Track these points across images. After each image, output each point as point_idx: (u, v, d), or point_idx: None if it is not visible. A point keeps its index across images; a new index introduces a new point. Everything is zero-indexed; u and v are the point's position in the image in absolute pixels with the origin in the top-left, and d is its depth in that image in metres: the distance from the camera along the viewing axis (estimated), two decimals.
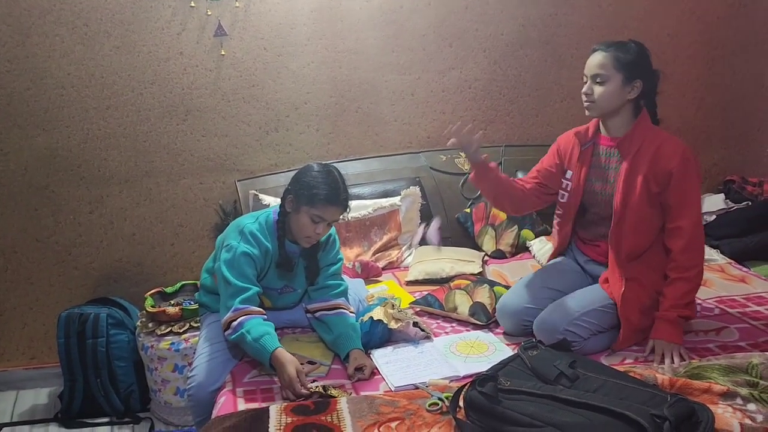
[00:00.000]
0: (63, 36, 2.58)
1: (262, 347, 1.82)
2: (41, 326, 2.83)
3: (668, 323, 1.89)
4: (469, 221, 2.85)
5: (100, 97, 2.67)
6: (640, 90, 1.94)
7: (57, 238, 2.76)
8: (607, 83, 1.92)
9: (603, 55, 1.93)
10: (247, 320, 1.87)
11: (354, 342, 1.95)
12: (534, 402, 1.47)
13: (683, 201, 1.91)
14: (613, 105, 1.95)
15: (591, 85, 1.94)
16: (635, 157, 1.94)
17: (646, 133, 1.96)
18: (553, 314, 1.94)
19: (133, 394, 2.62)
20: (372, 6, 2.79)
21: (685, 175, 1.90)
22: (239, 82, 2.76)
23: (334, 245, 2.10)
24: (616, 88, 1.92)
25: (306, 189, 1.91)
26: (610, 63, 1.91)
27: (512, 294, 2.12)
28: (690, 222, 1.91)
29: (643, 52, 1.95)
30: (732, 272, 2.50)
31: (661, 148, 1.92)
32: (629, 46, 1.93)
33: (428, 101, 2.95)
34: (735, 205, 2.97)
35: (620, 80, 1.91)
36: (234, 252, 1.92)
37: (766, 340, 1.95)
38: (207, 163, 2.82)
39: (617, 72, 1.91)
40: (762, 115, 3.19)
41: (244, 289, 1.90)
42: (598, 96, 1.93)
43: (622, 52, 1.91)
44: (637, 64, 1.92)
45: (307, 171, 1.95)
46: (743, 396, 1.57)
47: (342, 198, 1.92)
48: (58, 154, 2.69)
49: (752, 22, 3.07)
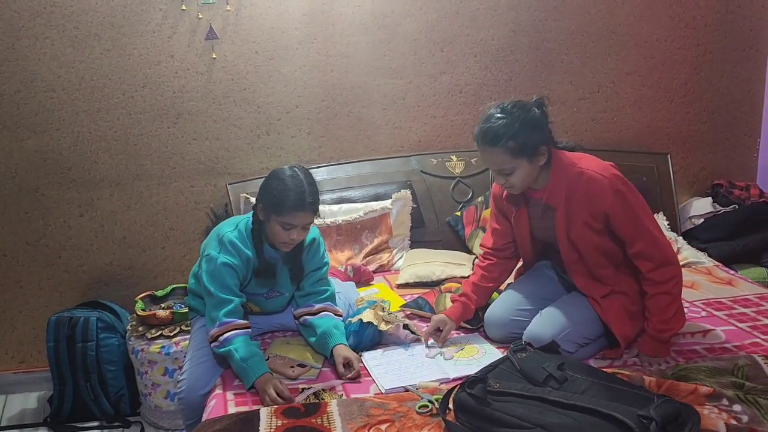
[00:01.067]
0: (53, 39, 2.58)
1: (249, 369, 1.83)
2: (31, 330, 2.82)
3: (657, 342, 1.87)
4: (460, 224, 2.87)
5: (91, 100, 2.66)
6: (547, 152, 1.85)
7: (47, 241, 2.75)
8: (517, 171, 1.83)
9: (496, 152, 1.81)
10: (234, 337, 1.88)
11: (336, 338, 1.95)
12: (523, 404, 1.48)
13: (632, 229, 1.84)
14: (533, 178, 1.88)
15: (503, 177, 1.86)
16: (567, 203, 1.87)
17: (566, 176, 1.87)
18: (544, 329, 1.92)
19: (123, 398, 2.61)
20: (363, 10, 2.81)
21: (621, 207, 1.83)
22: (230, 86, 2.76)
23: (319, 249, 2.09)
24: (527, 169, 1.84)
25: (271, 198, 1.89)
26: (506, 157, 1.81)
27: (497, 306, 2.09)
28: (647, 243, 1.84)
29: (526, 116, 1.81)
30: (719, 275, 2.53)
31: (588, 188, 1.83)
32: (507, 122, 1.80)
33: (419, 105, 2.96)
34: (722, 209, 3.01)
35: (526, 162, 1.82)
36: (214, 263, 1.92)
37: (751, 342, 1.97)
38: (198, 167, 2.82)
39: (518, 159, 1.81)
40: (749, 120, 3.23)
41: (227, 301, 1.91)
42: (514, 182, 1.86)
43: (510, 137, 1.78)
44: (530, 139, 1.80)
45: (272, 178, 1.92)
46: (729, 397, 1.59)
47: (309, 202, 1.88)
48: (48, 157, 2.68)
49: (739, 28, 3.11)
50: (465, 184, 2.94)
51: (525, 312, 2.03)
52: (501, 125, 1.81)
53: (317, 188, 1.94)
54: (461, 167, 2.96)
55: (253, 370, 1.83)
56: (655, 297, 1.87)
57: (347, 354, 1.90)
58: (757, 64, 3.16)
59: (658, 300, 1.86)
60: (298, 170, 1.93)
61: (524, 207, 2.01)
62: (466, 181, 2.94)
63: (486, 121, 1.85)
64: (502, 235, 2.12)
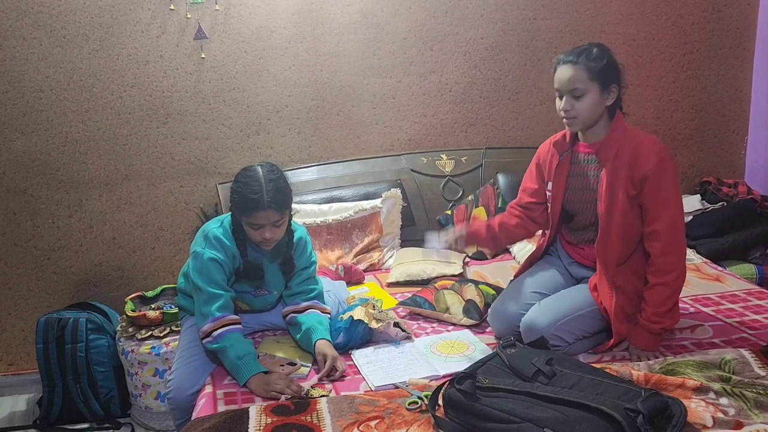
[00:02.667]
0: (41, 39, 2.57)
1: (244, 366, 1.83)
2: (20, 332, 2.80)
3: (648, 333, 1.88)
4: (450, 223, 2.87)
5: (79, 100, 2.65)
6: (617, 94, 1.92)
7: (36, 242, 2.74)
8: (586, 96, 1.86)
9: (574, 67, 1.86)
10: (227, 333, 1.87)
11: (319, 333, 1.94)
12: (512, 399, 1.48)
13: (659, 203, 1.87)
14: (596, 115, 1.90)
15: (570, 101, 1.88)
16: (614, 162, 1.90)
17: (622, 136, 1.91)
18: (542, 317, 1.92)
19: (113, 399, 2.60)
20: (353, 9, 2.81)
21: (660, 176, 1.84)
22: (220, 85, 2.76)
23: (306, 248, 2.09)
24: (596, 98, 1.87)
25: (234, 200, 1.89)
26: (584, 75, 1.85)
27: (505, 299, 2.10)
28: (666, 225, 1.85)
29: (609, 54, 1.90)
30: (708, 271, 2.54)
31: (637, 150, 1.87)
32: (595, 52, 1.87)
33: (409, 104, 2.97)
34: (711, 206, 3.03)
35: (598, 90, 1.86)
36: (201, 258, 1.92)
37: (739, 337, 1.98)
38: (188, 167, 2.81)
39: (593, 82, 1.85)
40: (737, 118, 3.26)
41: (217, 296, 1.90)
42: (580, 110, 1.88)
43: (593, 60, 1.86)
44: (609, 70, 1.87)
45: (235, 181, 1.92)
46: (716, 391, 1.60)
47: (267, 200, 1.84)
48: (36, 158, 2.67)
49: (726, 26, 3.13)
50: (455, 183, 2.95)
51: (532, 306, 2.02)
52: (588, 48, 1.89)
53: (283, 184, 1.90)
54: (451, 166, 2.96)
55: (248, 368, 1.82)
56: (655, 288, 1.88)
57: (326, 351, 1.88)
58: (744, 62, 3.19)
59: (657, 291, 1.88)
60: (259, 168, 1.90)
61: (567, 162, 2.03)
62: (457, 179, 2.95)
63: (574, 47, 1.93)
64: (532, 193, 2.16)
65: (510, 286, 2.18)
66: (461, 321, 2.18)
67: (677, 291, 1.90)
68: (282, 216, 1.90)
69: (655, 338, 1.90)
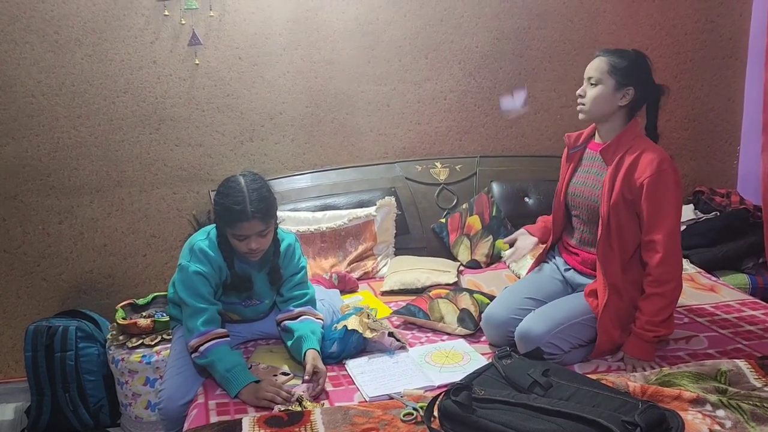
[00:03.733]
0: (33, 43, 2.54)
1: (234, 378, 1.81)
2: (8, 339, 2.76)
3: (642, 342, 1.89)
4: (445, 231, 2.87)
5: (71, 105, 2.63)
6: (631, 97, 1.93)
7: (25, 249, 2.70)
8: (599, 86, 1.94)
9: (600, 59, 1.95)
10: (214, 347, 1.86)
11: (310, 342, 1.92)
12: (508, 410, 1.47)
13: (656, 213, 1.87)
14: (604, 110, 1.95)
15: (585, 87, 1.97)
16: (617, 165, 1.94)
17: (631, 141, 1.95)
18: (537, 325, 1.92)
19: (102, 408, 2.57)
20: (348, 17, 2.80)
21: (657, 187, 1.86)
22: (214, 92, 2.74)
23: (294, 254, 2.07)
24: (607, 92, 1.93)
25: (218, 212, 1.88)
26: (604, 67, 1.93)
27: (497, 305, 2.11)
28: (663, 236, 1.86)
29: (640, 60, 1.95)
30: (701, 281, 2.55)
31: (640, 156, 1.91)
32: (627, 53, 1.95)
33: (404, 112, 2.96)
34: (704, 216, 3.03)
35: (612, 85, 1.92)
36: (186, 272, 1.90)
37: (734, 347, 1.99)
38: (180, 173, 2.79)
39: (610, 77, 1.92)
40: (729, 127, 3.27)
41: (203, 310, 1.89)
42: (588, 98, 1.96)
43: (618, 57, 1.93)
44: (630, 71, 1.92)
45: (217, 192, 1.90)
46: (712, 402, 1.60)
47: (251, 211, 1.82)
48: (27, 164, 2.64)
49: (720, 36, 3.15)
50: (450, 191, 2.94)
51: (524, 312, 2.03)
52: (626, 50, 1.97)
53: (267, 193, 1.88)
54: (446, 174, 2.96)
55: (238, 380, 1.80)
56: (651, 298, 1.89)
57: (314, 363, 1.85)
58: (737, 72, 3.21)
59: (653, 301, 1.89)
60: (241, 178, 1.88)
61: (577, 156, 2.09)
62: (451, 188, 2.94)
63: None
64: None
65: (504, 292, 2.18)
66: (456, 330, 2.16)
67: (673, 301, 1.91)
68: (267, 226, 1.88)
69: (649, 347, 1.89)
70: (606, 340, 1.94)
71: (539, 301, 2.08)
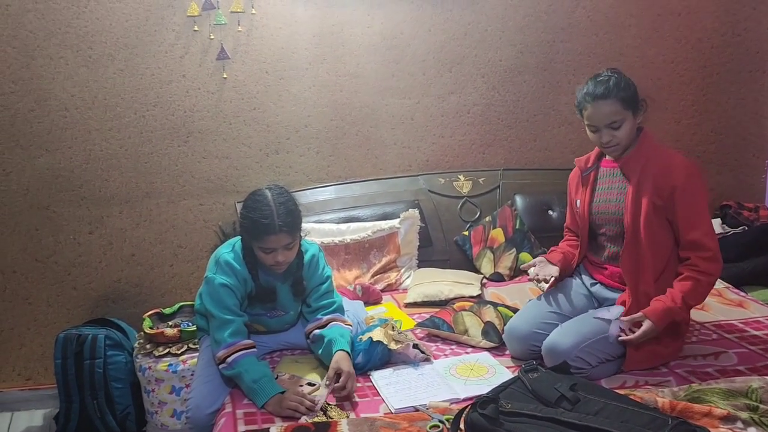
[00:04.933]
0: (67, 58, 2.62)
1: (261, 389, 1.83)
2: (38, 347, 2.82)
3: (664, 306, 1.88)
4: (468, 244, 2.87)
5: (103, 118, 2.69)
6: (644, 110, 1.99)
7: (56, 258, 2.76)
8: (624, 124, 1.94)
9: (607, 102, 1.92)
10: (241, 358, 1.88)
11: (339, 344, 1.92)
12: (535, 425, 1.46)
13: (693, 214, 1.91)
14: (632, 136, 1.99)
15: (609, 132, 1.95)
16: (641, 174, 1.96)
17: (651, 151, 1.99)
18: (564, 339, 1.92)
19: (129, 416, 2.60)
20: (373, 31, 2.84)
21: (690, 188, 1.91)
22: (241, 105, 2.79)
23: (318, 264, 2.08)
24: (632, 123, 1.96)
25: (245, 225, 1.90)
26: (618, 107, 1.92)
27: (520, 318, 2.11)
28: (703, 232, 1.91)
29: (627, 78, 1.97)
30: (729, 297, 2.51)
31: (666, 163, 1.95)
32: (618, 79, 1.94)
33: (427, 125, 2.98)
34: (732, 230, 2.99)
35: (632, 116, 1.96)
36: (212, 284, 1.93)
37: (764, 364, 1.95)
38: (207, 185, 2.83)
39: (627, 111, 1.94)
40: (756, 141, 3.24)
41: (230, 322, 1.91)
42: (621, 138, 1.95)
43: (622, 90, 1.92)
44: (635, 93, 1.96)
45: (244, 206, 1.92)
46: (743, 420, 1.57)
47: (278, 224, 1.84)
48: (60, 175, 2.71)
49: (746, 50, 3.13)
50: (472, 204, 2.95)
51: (548, 325, 2.03)
52: (613, 79, 1.94)
53: (293, 206, 1.90)
54: (469, 187, 2.96)
55: (265, 391, 1.82)
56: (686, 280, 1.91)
57: (340, 364, 1.85)
58: (764, 85, 3.18)
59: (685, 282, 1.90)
60: (268, 191, 1.91)
61: (592, 177, 2.11)
62: (474, 200, 2.95)
63: (595, 79, 1.97)
64: (570, 221, 2.28)
65: (527, 306, 2.19)
66: (480, 343, 2.16)
67: (703, 293, 1.94)
68: (293, 238, 1.91)
69: (666, 314, 1.88)
70: (637, 350, 1.92)
71: (563, 315, 2.08)
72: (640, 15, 3.02)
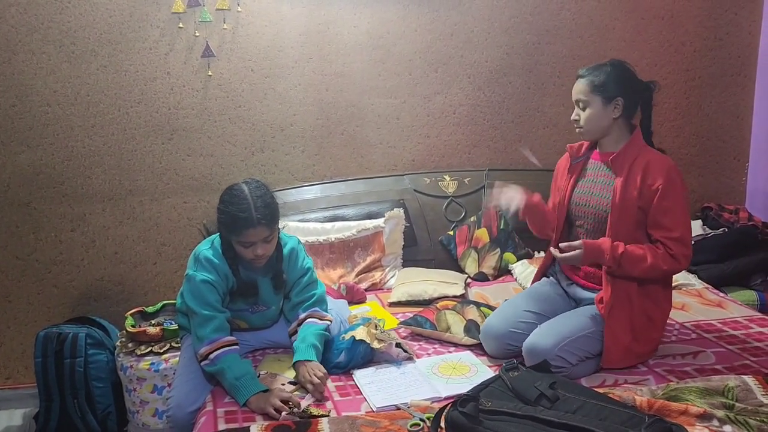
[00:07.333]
0: (50, 54, 2.59)
1: (243, 387, 1.83)
2: (18, 345, 2.78)
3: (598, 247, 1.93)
4: (452, 243, 2.88)
5: (86, 115, 2.67)
6: (622, 107, 1.99)
7: (37, 255, 2.73)
8: (589, 107, 2.00)
9: (581, 81, 2.02)
10: (224, 354, 1.88)
11: (298, 353, 1.94)
12: (515, 423, 1.47)
13: (675, 214, 1.94)
14: (601, 125, 2.02)
15: (577, 111, 2.04)
16: (628, 173, 1.99)
17: (637, 151, 2.01)
18: (544, 339, 1.94)
19: (110, 415, 2.58)
20: (359, 31, 2.84)
21: (671, 189, 1.94)
22: (226, 103, 2.78)
23: (298, 256, 2.08)
24: (598, 110, 1.99)
25: (222, 220, 1.90)
26: (586, 88, 2.00)
27: (496, 317, 2.12)
28: (683, 233, 1.95)
29: (618, 70, 2.00)
30: (709, 297, 2.54)
31: (649, 165, 1.97)
32: (604, 67, 2.00)
33: (413, 125, 2.99)
34: (712, 232, 3.03)
35: (599, 102, 1.99)
36: (193, 281, 1.93)
37: (741, 363, 1.98)
38: (192, 183, 2.82)
39: (594, 95, 1.99)
40: (737, 144, 3.28)
41: (212, 318, 1.91)
42: (583, 121, 2.03)
43: (596, 75, 1.99)
44: (612, 84, 1.98)
45: (221, 201, 1.92)
46: (719, 418, 1.59)
47: (257, 218, 1.84)
48: (41, 171, 2.68)
49: (728, 54, 3.17)
50: (458, 204, 2.96)
51: (524, 324, 2.05)
52: (602, 64, 2.03)
53: (270, 199, 1.91)
54: (454, 187, 2.97)
55: (247, 388, 1.82)
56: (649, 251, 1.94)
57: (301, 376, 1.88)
58: (745, 89, 3.22)
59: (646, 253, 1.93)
60: (245, 185, 1.91)
61: (579, 166, 2.13)
62: (459, 200, 2.96)
63: None
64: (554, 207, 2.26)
65: (503, 305, 2.20)
66: (462, 340, 2.17)
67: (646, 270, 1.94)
68: (272, 231, 1.91)
69: (597, 253, 1.93)
70: (614, 345, 1.94)
71: (539, 314, 2.09)
72: (624, 18, 3.05)
